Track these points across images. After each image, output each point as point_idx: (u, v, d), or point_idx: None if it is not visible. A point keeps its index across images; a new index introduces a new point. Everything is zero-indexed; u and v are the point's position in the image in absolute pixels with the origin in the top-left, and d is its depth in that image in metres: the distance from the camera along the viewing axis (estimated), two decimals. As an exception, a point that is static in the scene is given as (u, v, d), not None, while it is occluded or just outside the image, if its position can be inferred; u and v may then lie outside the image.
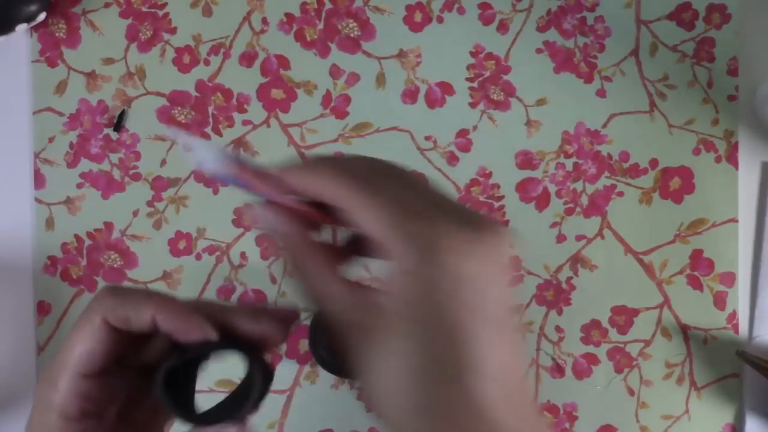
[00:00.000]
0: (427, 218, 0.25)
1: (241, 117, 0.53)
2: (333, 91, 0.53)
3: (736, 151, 0.54)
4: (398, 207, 0.25)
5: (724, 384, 0.53)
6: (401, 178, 0.27)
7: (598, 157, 0.54)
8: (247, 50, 0.53)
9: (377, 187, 0.25)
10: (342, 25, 0.53)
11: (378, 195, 0.25)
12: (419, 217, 0.25)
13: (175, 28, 0.53)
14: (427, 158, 0.53)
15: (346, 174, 0.26)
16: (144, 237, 0.52)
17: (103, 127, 0.52)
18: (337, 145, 0.53)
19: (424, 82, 0.53)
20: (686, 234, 0.54)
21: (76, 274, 0.52)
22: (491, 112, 0.53)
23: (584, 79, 0.54)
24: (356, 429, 0.53)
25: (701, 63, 0.54)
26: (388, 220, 0.24)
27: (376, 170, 0.27)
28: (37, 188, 0.52)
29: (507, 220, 0.53)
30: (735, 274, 0.53)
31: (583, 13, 0.54)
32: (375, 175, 0.26)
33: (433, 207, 0.25)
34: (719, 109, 0.54)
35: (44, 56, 0.52)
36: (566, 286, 0.53)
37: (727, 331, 0.53)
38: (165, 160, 0.53)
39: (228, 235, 0.53)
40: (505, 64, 0.53)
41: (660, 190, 0.54)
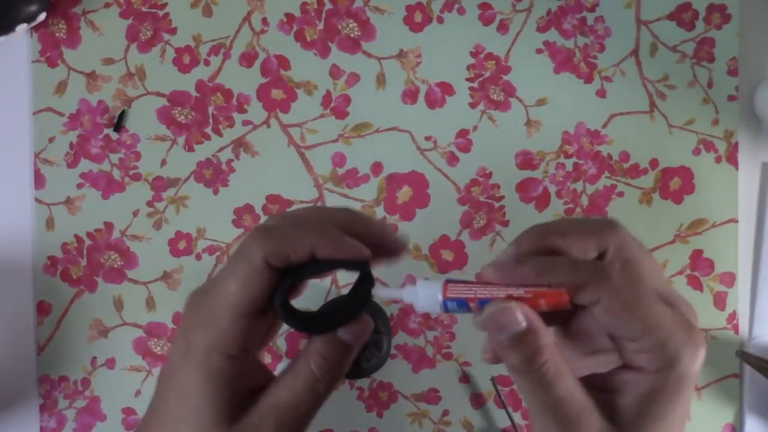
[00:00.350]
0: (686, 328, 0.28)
1: (241, 117, 0.53)
2: (333, 91, 0.53)
3: (736, 151, 0.54)
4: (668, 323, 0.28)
5: (724, 384, 0.53)
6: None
7: (598, 157, 0.54)
8: (247, 50, 0.53)
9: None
10: (342, 25, 0.53)
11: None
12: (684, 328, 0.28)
13: (176, 28, 0.53)
14: (427, 158, 0.53)
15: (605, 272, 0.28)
16: (144, 237, 0.52)
17: (103, 127, 0.52)
18: (337, 145, 0.53)
19: (424, 82, 0.53)
20: (686, 234, 0.54)
21: (76, 274, 0.52)
22: (491, 112, 0.53)
23: (584, 79, 0.54)
24: (356, 429, 0.53)
25: (701, 63, 0.54)
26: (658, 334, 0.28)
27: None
28: (37, 188, 0.52)
29: (507, 221, 0.53)
30: (735, 274, 0.53)
31: (583, 13, 0.54)
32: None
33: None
34: (719, 109, 0.54)
35: (44, 56, 0.52)
36: (566, 286, 0.53)
37: (727, 331, 0.53)
38: (165, 160, 0.53)
39: (228, 235, 0.53)
40: (505, 64, 0.53)
41: (660, 191, 0.54)
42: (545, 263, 0.28)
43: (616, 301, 0.28)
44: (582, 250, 0.29)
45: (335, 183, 0.53)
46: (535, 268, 0.28)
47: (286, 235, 0.29)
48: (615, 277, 0.28)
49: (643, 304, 0.28)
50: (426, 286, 0.29)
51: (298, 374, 0.31)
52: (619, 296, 0.28)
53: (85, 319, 0.52)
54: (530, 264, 0.28)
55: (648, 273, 0.29)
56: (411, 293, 0.29)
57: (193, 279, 0.52)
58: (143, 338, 0.52)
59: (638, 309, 0.28)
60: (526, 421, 0.53)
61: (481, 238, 0.53)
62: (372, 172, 0.53)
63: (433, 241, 0.53)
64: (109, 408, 0.52)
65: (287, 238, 0.29)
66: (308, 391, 0.31)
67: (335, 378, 0.31)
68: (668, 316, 0.28)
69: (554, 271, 0.28)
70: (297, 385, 0.31)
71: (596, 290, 0.28)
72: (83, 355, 0.52)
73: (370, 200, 0.53)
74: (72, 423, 0.52)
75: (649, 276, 0.29)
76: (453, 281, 0.28)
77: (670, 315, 0.28)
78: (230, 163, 0.53)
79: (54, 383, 0.52)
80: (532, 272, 0.28)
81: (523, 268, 0.28)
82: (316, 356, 0.31)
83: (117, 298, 0.52)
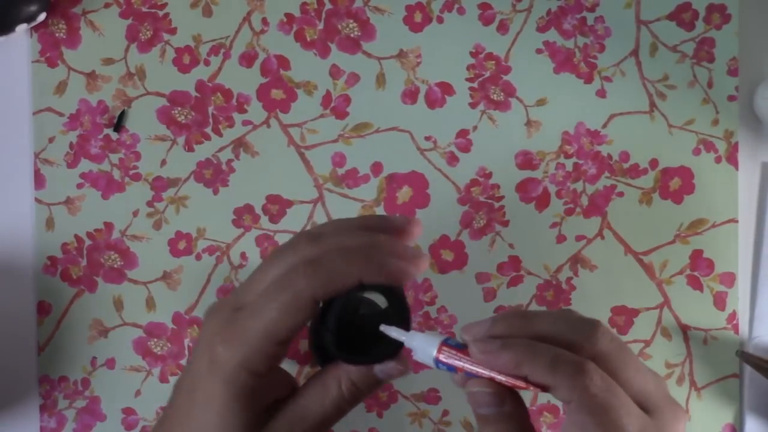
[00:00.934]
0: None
1: (241, 117, 0.53)
2: (333, 91, 0.53)
3: (736, 151, 0.54)
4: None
5: (724, 384, 0.53)
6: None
7: (598, 157, 0.54)
8: (247, 50, 0.53)
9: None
10: (342, 25, 0.53)
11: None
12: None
13: (175, 28, 0.53)
14: (427, 158, 0.53)
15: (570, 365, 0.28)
16: (144, 237, 0.52)
17: (103, 127, 0.52)
18: (337, 145, 0.53)
19: (424, 83, 0.53)
20: (686, 234, 0.54)
21: (76, 275, 0.52)
22: (491, 112, 0.53)
23: (584, 80, 0.54)
24: (356, 429, 0.53)
25: (701, 63, 0.54)
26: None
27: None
28: (37, 188, 0.52)
29: (507, 221, 0.53)
30: (735, 275, 0.53)
31: (583, 13, 0.54)
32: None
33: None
34: (719, 109, 0.54)
35: (44, 56, 0.52)
36: (566, 287, 0.53)
37: (727, 331, 0.53)
38: (165, 160, 0.53)
39: (228, 235, 0.53)
40: (505, 65, 0.53)
41: (660, 191, 0.54)
42: (527, 354, 0.28)
43: (586, 408, 0.27)
44: (564, 346, 0.29)
45: (335, 183, 0.53)
46: (516, 359, 0.28)
47: (334, 269, 0.30)
48: (593, 380, 0.28)
49: (613, 416, 0.27)
50: (425, 340, 0.31)
51: (328, 391, 0.32)
52: (591, 402, 0.27)
53: (85, 319, 0.52)
54: (512, 351, 0.29)
55: (630, 378, 0.29)
56: (415, 342, 0.31)
57: (193, 279, 0.52)
58: (143, 338, 0.52)
59: (606, 420, 0.27)
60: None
61: (481, 238, 0.53)
62: (372, 172, 0.53)
63: (433, 241, 0.53)
64: (109, 408, 0.52)
65: (336, 273, 0.30)
66: (335, 409, 0.32)
67: (360, 400, 0.33)
68: (635, 429, 0.28)
69: (533, 363, 0.28)
70: (326, 401, 0.32)
71: (571, 391, 0.28)
72: (83, 355, 0.52)
73: (370, 200, 0.53)
74: (72, 423, 0.52)
75: (631, 381, 0.29)
76: (448, 345, 0.30)
77: (637, 428, 0.28)
78: (230, 163, 0.53)
79: (54, 383, 0.52)
80: (512, 363, 0.28)
81: (503, 356, 0.29)
82: (348, 381, 0.32)
83: (117, 298, 0.52)
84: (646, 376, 0.30)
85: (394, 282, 0.31)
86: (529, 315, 0.31)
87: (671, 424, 0.29)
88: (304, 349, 0.52)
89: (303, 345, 0.52)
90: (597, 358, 0.29)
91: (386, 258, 0.31)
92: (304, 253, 0.31)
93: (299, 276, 0.30)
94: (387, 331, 0.31)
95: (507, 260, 0.53)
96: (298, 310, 0.30)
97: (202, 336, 0.32)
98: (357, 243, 0.31)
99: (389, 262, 0.31)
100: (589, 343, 0.29)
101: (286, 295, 0.30)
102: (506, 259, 0.53)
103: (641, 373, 0.30)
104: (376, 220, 0.34)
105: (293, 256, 0.31)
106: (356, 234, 0.32)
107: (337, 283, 0.30)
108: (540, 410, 0.53)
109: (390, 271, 0.31)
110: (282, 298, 0.30)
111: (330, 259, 0.30)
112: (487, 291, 0.53)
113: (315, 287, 0.30)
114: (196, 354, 0.32)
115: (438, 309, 0.53)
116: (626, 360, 0.29)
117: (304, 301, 0.30)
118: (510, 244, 0.53)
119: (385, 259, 0.31)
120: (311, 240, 0.32)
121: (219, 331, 0.31)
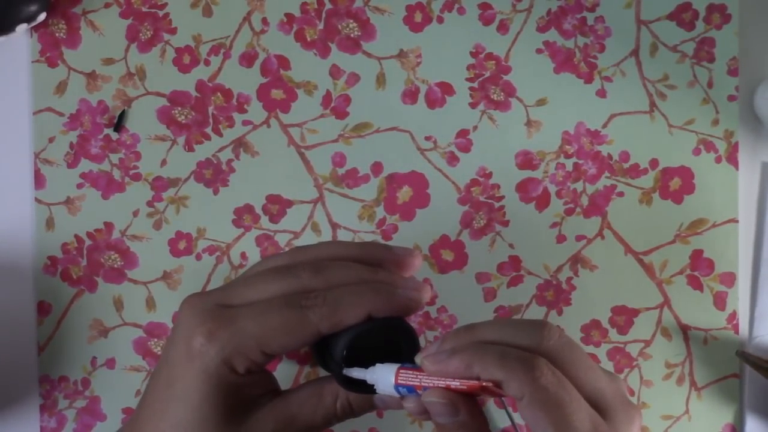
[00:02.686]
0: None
1: (241, 117, 0.53)
2: (333, 91, 0.53)
3: (736, 151, 0.54)
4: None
5: (724, 384, 0.53)
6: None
7: (598, 157, 0.54)
8: (247, 50, 0.53)
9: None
10: (342, 25, 0.53)
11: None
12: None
13: (176, 28, 0.53)
14: (427, 158, 0.53)
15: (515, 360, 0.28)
16: (144, 237, 0.52)
17: (103, 127, 0.52)
18: (338, 145, 0.53)
19: (424, 82, 0.53)
20: (686, 234, 0.54)
21: (76, 275, 0.52)
22: (491, 112, 0.53)
23: (584, 79, 0.54)
24: (356, 429, 0.53)
25: (701, 63, 0.54)
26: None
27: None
28: (37, 188, 0.52)
29: (507, 221, 0.53)
30: (735, 275, 0.53)
31: (583, 13, 0.54)
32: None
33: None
34: (719, 109, 0.54)
35: (44, 56, 0.52)
36: (566, 287, 0.53)
37: (727, 331, 0.53)
38: (165, 160, 0.53)
39: (228, 235, 0.53)
40: (505, 65, 0.53)
41: (660, 191, 0.54)
42: (476, 354, 0.28)
43: (537, 402, 0.27)
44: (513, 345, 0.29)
45: (335, 183, 0.53)
46: (465, 360, 0.28)
47: (339, 304, 0.31)
48: (543, 373, 0.28)
49: (564, 411, 0.27)
50: (384, 369, 0.31)
51: (322, 403, 0.33)
52: (542, 396, 0.27)
53: (85, 319, 0.52)
54: (460, 356, 0.29)
55: (581, 376, 0.29)
56: (373, 375, 0.31)
57: (193, 279, 0.52)
58: (143, 338, 0.52)
59: (557, 416, 0.27)
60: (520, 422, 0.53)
61: (481, 238, 0.53)
62: (372, 172, 0.53)
63: (433, 241, 0.53)
64: (109, 408, 0.52)
65: (344, 307, 0.31)
66: (324, 421, 0.33)
67: (349, 418, 0.34)
68: (586, 426, 0.27)
69: (483, 362, 0.28)
70: (317, 411, 0.33)
71: (522, 385, 0.28)
72: (83, 355, 0.52)
73: (370, 200, 0.53)
74: (72, 423, 0.52)
75: (582, 379, 0.29)
76: (405, 368, 0.30)
77: (589, 425, 0.28)
78: (230, 163, 0.53)
79: (54, 383, 0.52)
80: (462, 365, 0.29)
81: (453, 361, 0.29)
82: (345, 400, 0.33)
83: (117, 298, 0.52)
84: (598, 374, 0.30)
85: (404, 313, 0.31)
86: (475, 325, 0.31)
87: (624, 424, 0.29)
88: (303, 349, 0.52)
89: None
90: (546, 356, 0.29)
91: (394, 290, 0.31)
92: (307, 283, 0.31)
93: (308, 305, 0.30)
94: (349, 373, 0.32)
95: (507, 260, 0.53)
96: (299, 335, 0.30)
97: (180, 325, 0.31)
98: (362, 276, 0.32)
99: (397, 294, 0.31)
100: (536, 342, 0.29)
101: (292, 315, 0.30)
102: (506, 259, 0.53)
103: (593, 370, 0.30)
104: (377, 250, 0.34)
105: (297, 282, 0.31)
106: (360, 268, 0.32)
107: (346, 318, 0.30)
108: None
109: (399, 304, 0.31)
110: (287, 316, 0.30)
111: (339, 293, 0.31)
112: (487, 291, 0.53)
113: (321, 325, 0.30)
114: (172, 344, 0.31)
115: (438, 309, 0.53)
116: (576, 357, 0.29)
117: (308, 331, 0.30)
118: (510, 244, 0.53)
119: (394, 291, 0.31)
120: (315, 271, 0.32)
121: (202, 323, 0.30)
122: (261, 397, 0.33)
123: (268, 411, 0.32)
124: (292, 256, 0.34)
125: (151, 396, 0.32)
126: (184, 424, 0.30)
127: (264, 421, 0.32)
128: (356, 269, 0.32)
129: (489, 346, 0.29)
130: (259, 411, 0.32)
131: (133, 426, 0.33)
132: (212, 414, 0.30)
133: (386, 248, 0.34)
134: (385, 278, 0.32)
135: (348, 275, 0.32)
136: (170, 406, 0.31)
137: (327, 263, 0.32)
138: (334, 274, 0.32)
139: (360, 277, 0.32)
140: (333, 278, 0.31)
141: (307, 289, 0.31)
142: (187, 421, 0.30)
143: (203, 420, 0.30)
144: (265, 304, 0.31)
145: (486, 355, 0.28)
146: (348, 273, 0.32)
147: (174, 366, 0.31)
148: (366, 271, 0.32)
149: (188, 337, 0.31)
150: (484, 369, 0.28)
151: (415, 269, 0.35)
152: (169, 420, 0.31)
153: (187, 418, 0.30)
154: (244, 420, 0.31)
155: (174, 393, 0.31)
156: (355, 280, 0.31)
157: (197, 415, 0.30)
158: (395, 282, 0.32)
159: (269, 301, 0.31)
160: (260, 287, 0.32)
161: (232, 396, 0.31)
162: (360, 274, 0.32)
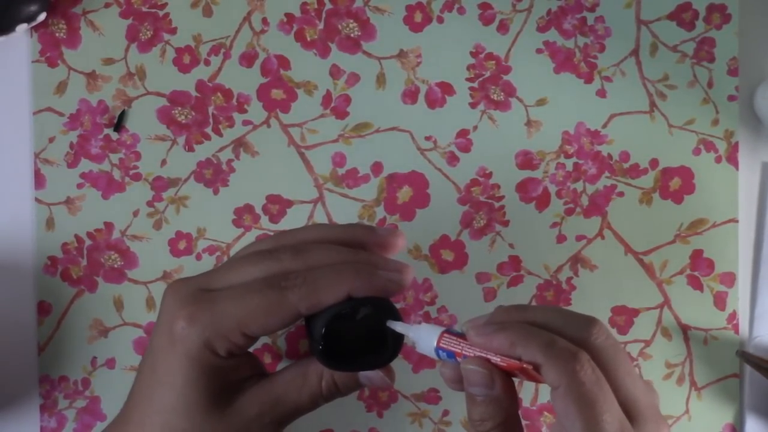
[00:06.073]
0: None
1: (241, 117, 0.53)
2: (333, 91, 0.53)
3: (736, 151, 0.54)
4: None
5: (724, 384, 0.53)
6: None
7: (598, 157, 0.54)
8: (247, 50, 0.53)
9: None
10: (342, 25, 0.53)
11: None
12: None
13: (176, 28, 0.53)
14: (427, 158, 0.53)
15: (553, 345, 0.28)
16: (144, 237, 0.52)
17: (103, 127, 0.52)
18: (338, 145, 0.53)
19: (424, 82, 0.53)
20: (686, 234, 0.54)
21: (76, 275, 0.52)
22: (491, 112, 0.53)
23: (584, 79, 0.54)
24: (356, 429, 0.53)
25: (701, 63, 0.54)
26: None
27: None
28: (37, 188, 0.52)
29: (507, 221, 0.53)
30: (735, 275, 0.53)
31: (583, 13, 0.54)
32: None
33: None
34: (719, 109, 0.54)
35: (44, 56, 0.52)
36: (566, 287, 0.53)
37: (727, 331, 0.53)
38: (165, 160, 0.53)
39: (228, 235, 0.53)
40: (505, 64, 0.53)
41: (660, 190, 0.54)
42: (522, 334, 0.28)
43: (572, 395, 0.27)
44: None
45: (335, 183, 0.53)
46: (511, 338, 0.28)
47: (322, 284, 0.30)
48: (584, 367, 0.28)
49: (596, 410, 0.27)
50: (427, 330, 0.31)
51: (307, 383, 0.33)
52: (578, 390, 0.27)
53: (85, 319, 0.52)
54: (507, 333, 0.29)
55: (620, 380, 0.29)
56: (417, 333, 0.31)
57: (193, 279, 0.52)
58: (143, 338, 0.52)
59: (588, 412, 0.27)
60: (527, 421, 0.53)
61: (481, 238, 0.53)
62: (372, 172, 0.53)
63: (433, 241, 0.53)
64: (109, 408, 0.52)
65: (324, 288, 0.30)
66: (310, 402, 0.33)
67: (335, 398, 0.34)
68: (614, 427, 0.27)
69: (528, 344, 0.28)
70: (303, 392, 0.32)
71: (560, 375, 0.28)
72: (83, 355, 0.52)
73: (370, 200, 0.53)
74: (72, 423, 0.52)
75: (620, 383, 0.29)
76: (449, 333, 0.31)
77: (617, 427, 0.27)
78: (230, 163, 0.53)
79: (54, 383, 0.52)
80: (507, 342, 0.29)
81: (499, 337, 0.29)
82: (330, 379, 0.33)
83: (117, 298, 0.52)
84: (637, 382, 0.30)
85: (384, 294, 0.31)
86: (527, 307, 0.31)
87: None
88: (303, 349, 0.52)
89: (303, 345, 0.52)
90: (591, 352, 0.29)
91: (374, 271, 0.31)
92: (287, 265, 0.31)
93: (288, 286, 0.30)
94: (392, 326, 0.31)
95: (507, 260, 0.53)
96: (279, 316, 0.30)
97: (163, 311, 0.31)
98: (343, 257, 0.32)
99: (378, 275, 0.31)
100: (584, 337, 0.29)
101: (272, 296, 0.30)
102: (506, 258, 0.53)
103: (632, 377, 0.30)
104: (361, 231, 0.34)
105: (277, 264, 0.31)
106: (341, 249, 0.32)
107: (325, 298, 0.30)
108: (540, 410, 0.54)
109: (379, 285, 0.31)
110: (267, 297, 0.30)
111: (319, 274, 0.30)
112: (487, 291, 0.53)
113: (300, 305, 0.30)
114: (156, 330, 0.31)
115: (438, 309, 0.53)
116: (619, 361, 0.29)
117: (288, 312, 0.30)
118: (510, 244, 0.53)
119: (374, 272, 0.31)
120: (295, 253, 0.32)
121: (183, 307, 0.30)
122: (246, 380, 0.32)
123: (253, 394, 0.32)
124: (276, 240, 0.34)
125: (137, 383, 0.32)
126: (169, 409, 0.30)
127: (249, 403, 0.32)
128: (337, 251, 0.32)
129: (537, 329, 0.29)
130: (244, 394, 0.32)
131: (122, 414, 0.33)
132: (196, 398, 0.30)
133: (369, 229, 0.34)
134: (366, 259, 0.32)
135: (329, 257, 0.31)
136: (155, 392, 0.31)
137: (308, 246, 0.32)
138: (315, 256, 0.31)
139: (341, 258, 0.32)
140: (313, 260, 0.31)
141: (287, 271, 0.31)
142: (172, 405, 0.30)
143: (188, 404, 0.30)
144: (245, 287, 0.30)
145: (532, 338, 0.28)
146: (329, 254, 0.32)
147: (157, 351, 0.31)
148: (347, 253, 0.32)
149: (170, 322, 0.31)
150: (527, 350, 0.28)
151: (399, 249, 0.34)
152: (154, 405, 0.31)
153: (171, 402, 0.30)
154: (229, 403, 0.31)
155: (158, 378, 0.31)
156: (335, 262, 0.31)
157: (181, 400, 0.30)
158: (376, 263, 0.31)
159: (249, 284, 0.31)
160: (241, 270, 0.31)
161: (216, 379, 0.31)
162: (341, 255, 0.32)
